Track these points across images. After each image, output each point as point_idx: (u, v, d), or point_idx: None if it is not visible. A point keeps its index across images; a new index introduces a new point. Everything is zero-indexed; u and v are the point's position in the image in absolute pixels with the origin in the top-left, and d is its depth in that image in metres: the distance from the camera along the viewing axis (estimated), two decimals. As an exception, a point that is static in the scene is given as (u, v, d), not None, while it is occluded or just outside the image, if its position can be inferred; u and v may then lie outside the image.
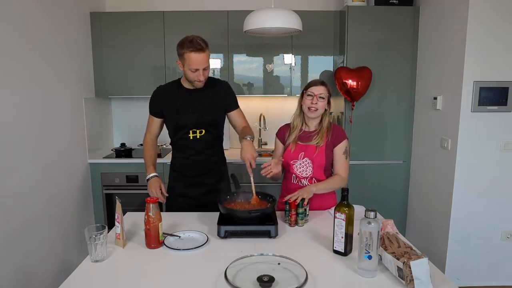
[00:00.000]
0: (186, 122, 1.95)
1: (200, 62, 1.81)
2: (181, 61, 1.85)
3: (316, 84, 1.89)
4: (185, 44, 1.81)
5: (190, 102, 1.95)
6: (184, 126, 1.96)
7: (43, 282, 2.42)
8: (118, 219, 1.52)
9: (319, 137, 1.90)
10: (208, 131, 1.98)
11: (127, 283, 1.28)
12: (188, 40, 1.81)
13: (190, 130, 1.96)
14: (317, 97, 1.85)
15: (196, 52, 1.79)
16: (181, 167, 2.04)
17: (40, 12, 2.46)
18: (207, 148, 2.01)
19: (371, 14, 3.04)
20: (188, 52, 1.79)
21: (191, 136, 1.97)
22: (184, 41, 1.82)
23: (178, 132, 1.98)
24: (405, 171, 3.24)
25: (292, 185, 1.96)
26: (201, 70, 1.83)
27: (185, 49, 1.80)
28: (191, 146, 1.97)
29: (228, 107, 2.04)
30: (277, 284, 1.20)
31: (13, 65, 2.19)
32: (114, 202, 1.87)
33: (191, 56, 1.79)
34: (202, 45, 1.81)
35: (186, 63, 1.82)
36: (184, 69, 1.86)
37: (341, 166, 1.93)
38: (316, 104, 1.85)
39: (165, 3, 3.42)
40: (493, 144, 2.58)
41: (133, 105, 3.65)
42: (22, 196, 2.26)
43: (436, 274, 1.30)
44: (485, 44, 2.45)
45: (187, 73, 1.87)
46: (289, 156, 1.93)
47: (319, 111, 1.88)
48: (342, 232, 1.43)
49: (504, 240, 2.70)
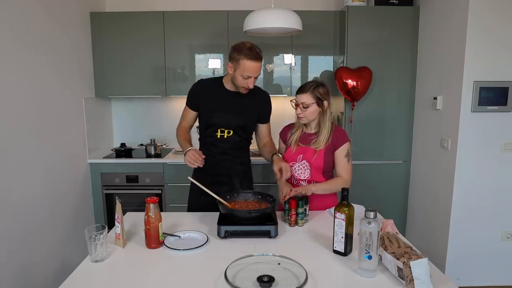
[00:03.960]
0: (216, 120, 1.97)
1: (255, 70, 1.83)
2: (234, 65, 1.85)
3: (300, 91, 1.85)
4: (243, 50, 1.80)
5: (226, 102, 1.97)
6: (214, 124, 1.98)
7: (43, 282, 2.42)
8: (118, 219, 1.52)
9: (318, 141, 1.88)
10: (236, 132, 2.00)
11: (127, 283, 1.28)
12: (246, 46, 1.81)
13: (218, 129, 1.99)
14: (300, 107, 1.84)
15: (254, 60, 1.80)
16: (205, 165, 2.06)
17: (40, 12, 2.46)
18: (233, 149, 2.03)
19: (371, 14, 3.04)
20: (245, 59, 1.79)
21: (218, 134, 1.99)
22: (242, 47, 1.82)
23: (208, 129, 2.01)
24: (405, 171, 3.24)
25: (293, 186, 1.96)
26: (252, 78, 1.85)
27: (242, 55, 1.79)
28: (217, 144, 1.99)
29: (261, 117, 2.07)
30: (277, 284, 1.20)
31: (13, 65, 2.19)
32: (114, 202, 1.87)
33: (247, 63, 1.80)
34: (260, 54, 1.83)
35: (240, 68, 1.82)
36: (234, 73, 1.86)
37: (343, 168, 1.91)
38: (301, 113, 1.85)
39: (165, 3, 3.42)
40: (493, 144, 2.58)
41: (133, 105, 3.66)
42: (22, 196, 2.26)
43: (436, 274, 1.30)
44: (485, 44, 2.45)
45: (237, 78, 1.86)
46: (288, 157, 1.94)
47: (307, 118, 1.86)
48: (342, 232, 1.43)
49: (504, 240, 2.70)
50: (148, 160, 3.21)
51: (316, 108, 1.84)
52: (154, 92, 3.34)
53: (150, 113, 3.68)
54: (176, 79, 3.30)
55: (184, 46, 3.25)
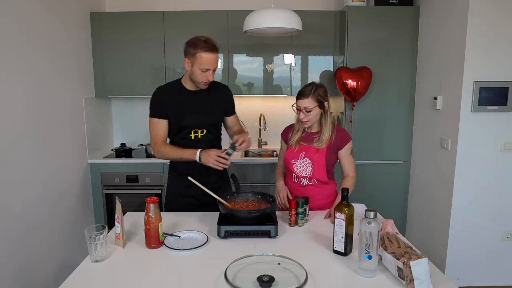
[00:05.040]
0: (188, 122, 1.96)
1: (213, 62, 1.84)
2: (191, 60, 1.85)
3: (301, 96, 1.86)
4: (198, 43, 1.81)
5: (193, 102, 1.97)
6: (187, 126, 1.96)
7: (43, 282, 2.42)
8: (118, 219, 1.52)
9: (321, 140, 1.90)
10: (209, 131, 2.00)
11: (127, 283, 1.28)
12: (201, 40, 1.82)
13: (192, 130, 1.97)
14: (303, 112, 1.86)
15: (210, 52, 1.81)
16: (181, 167, 2.04)
17: (40, 12, 2.46)
18: (208, 147, 2.01)
19: (371, 14, 3.04)
20: (201, 52, 1.80)
21: (192, 135, 1.98)
22: (197, 40, 1.82)
23: (180, 132, 1.98)
24: (405, 171, 3.24)
25: (292, 184, 1.98)
26: (211, 71, 1.86)
27: (199, 49, 1.80)
28: (192, 145, 1.97)
29: (227, 111, 2.08)
30: (277, 284, 1.20)
31: (12, 65, 2.19)
32: (114, 202, 1.87)
33: (204, 55, 1.80)
34: (216, 46, 1.84)
35: (197, 62, 1.82)
36: (192, 68, 1.86)
37: (350, 165, 1.97)
38: (305, 117, 1.87)
39: (165, 3, 3.42)
40: (493, 144, 2.58)
41: (133, 105, 3.66)
42: (22, 196, 2.26)
43: (436, 274, 1.30)
44: (485, 44, 2.45)
45: (196, 73, 1.86)
46: (290, 155, 1.95)
47: (311, 121, 1.88)
48: (342, 232, 1.43)
49: (504, 240, 2.70)
50: (148, 160, 3.21)
51: (318, 110, 1.87)
52: (154, 92, 3.33)
53: (150, 113, 3.68)
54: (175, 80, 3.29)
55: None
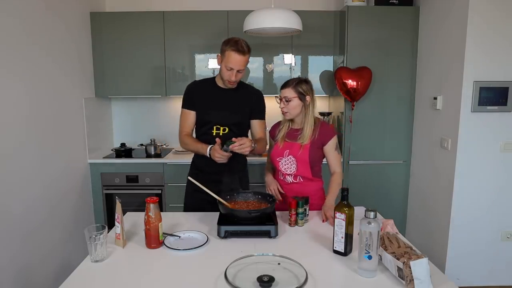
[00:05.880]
0: (211, 117, 2.01)
1: (238, 63, 1.89)
2: (221, 56, 1.93)
3: (283, 86, 1.92)
4: (229, 42, 1.89)
5: (219, 99, 2.03)
6: (209, 122, 2.02)
7: (43, 282, 2.42)
8: (118, 219, 1.52)
9: (302, 136, 1.92)
10: (231, 130, 2.03)
11: (127, 283, 1.28)
12: (234, 40, 1.90)
13: (214, 126, 2.02)
14: (283, 101, 1.89)
15: (237, 52, 1.87)
16: (200, 163, 2.08)
17: (40, 12, 2.46)
18: None
19: (371, 14, 3.04)
20: (230, 50, 1.87)
21: (214, 132, 2.02)
22: (230, 40, 1.91)
23: (203, 126, 2.05)
24: (405, 171, 3.24)
25: (280, 181, 2.02)
26: (235, 71, 1.91)
27: (228, 47, 1.87)
28: (212, 142, 1.99)
29: (253, 113, 2.09)
30: (277, 284, 1.20)
31: (12, 65, 2.19)
32: (114, 202, 1.87)
33: (231, 54, 1.87)
34: (245, 48, 1.89)
35: (224, 60, 1.90)
36: (221, 65, 1.94)
37: (336, 161, 1.98)
38: (284, 107, 1.89)
39: (165, 3, 3.42)
40: (493, 144, 2.58)
41: (133, 105, 3.66)
42: (22, 196, 2.26)
43: (436, 274, 1.30)
44: (485, 44, 2.45)
45: (222, 70, 1.94)
46: (276, 153, 1.98)
47: (290, 112, 1.90)
48: (342, 232, 1.43)
49: (504, 240, 2.70)
50: (148, 160, 3.21)
51: (298, 102, 1.89)
52: (154, 92, 3.34)
53: (150, 113, 3.68)
54: (176, 79, 3.30)
55: (184, 46, 3.25)
